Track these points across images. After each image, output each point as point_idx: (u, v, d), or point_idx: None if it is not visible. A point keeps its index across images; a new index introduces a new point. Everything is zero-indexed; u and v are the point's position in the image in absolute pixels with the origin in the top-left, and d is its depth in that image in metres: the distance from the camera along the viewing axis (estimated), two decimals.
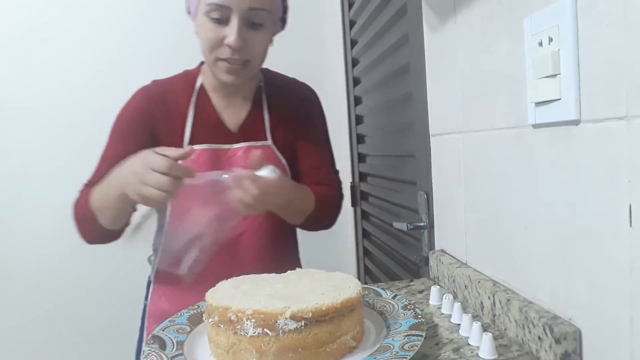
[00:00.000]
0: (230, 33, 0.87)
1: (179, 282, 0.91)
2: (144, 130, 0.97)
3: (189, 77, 1.02)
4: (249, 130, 1.01)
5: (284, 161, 1.03)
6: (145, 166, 0.75)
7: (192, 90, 0.99)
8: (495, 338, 0.62)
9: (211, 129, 0.98)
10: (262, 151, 0.94)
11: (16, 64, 1.74)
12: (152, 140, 0.96)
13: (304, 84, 1.14)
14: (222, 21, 0.88)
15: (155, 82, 1.02)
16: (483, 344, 0.59)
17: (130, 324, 1.12)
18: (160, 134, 0.97)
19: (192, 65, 1.05)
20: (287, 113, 1.06)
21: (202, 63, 1.04)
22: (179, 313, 0.71)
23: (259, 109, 1.04)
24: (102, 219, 0.89)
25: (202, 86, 1.01)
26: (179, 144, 0.96)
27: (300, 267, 1.04)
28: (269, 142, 1.02)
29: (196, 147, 0.94)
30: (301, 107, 1.09)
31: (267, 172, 0.82)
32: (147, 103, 0.98)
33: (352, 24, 1.70)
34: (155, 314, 1.02)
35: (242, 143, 0.99)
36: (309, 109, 1.11)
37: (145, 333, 1.05)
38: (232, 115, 1.01)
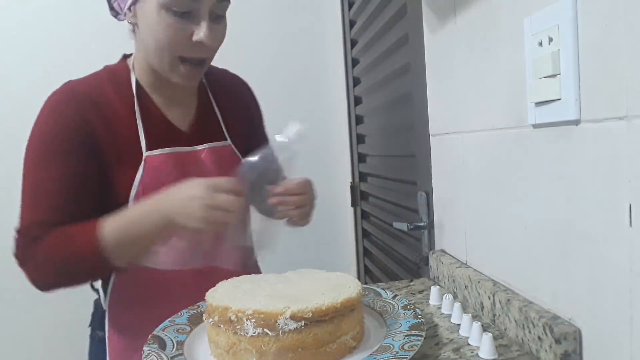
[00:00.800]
0: (200, 29, 0.76)
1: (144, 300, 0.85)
2: (85, 147, 0.80)
3: (117, 75, 0.86)
4: (203, 130, 0.91)
5: (241, 159, 0.94)
6: (210, 189, 0.69)
7: (129, 90, 0.85)
8: (495, 338, 0.62)
9: (163, 132, 0.86)
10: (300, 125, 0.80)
11: (16, 63, 1.74)
12: (94, 153, 0.80)
13: (237, 76, 1.05)
14: (186, 15, 0.76)
15: (71, 85, 0.84)
16: (483, 344, 0.59)
17: None
18: (103, 144, 0.81)
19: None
20: (236, 111, 0.99)
21: (124, 57, 0.91)
22: (179, 313, 0.71)
23: (209, 108, 0.95)
24: (119, 255, 0.76)
25: (138, 85, 0.86)
26: (135, 153, 0.82)
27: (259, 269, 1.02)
28: (229, 141, 0.94)
29: (158, 151, 0.84)
30: (245, 103, 1.04)
31: (295, 130, 0.77)
32: (78, 113, 0.80)
33: (352, 24, 1.70)
34: (119, 344, 0.88)
35: (205, 144, 0.89)
36: (253, 103, 1.06)
37: None
38: (179, 115, 0.89)
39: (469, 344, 0.62)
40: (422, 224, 1.00)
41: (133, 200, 0.81)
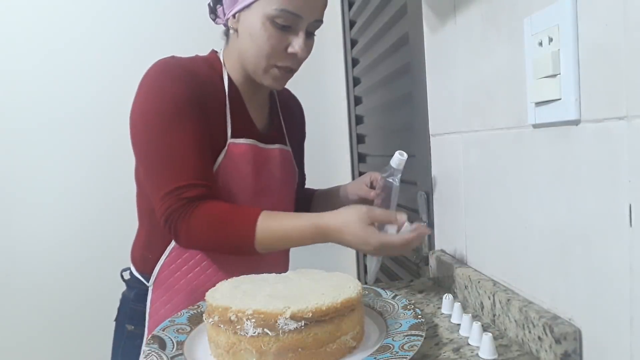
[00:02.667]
0: (297, 42, 0.84)
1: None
2: (202, 114, 0.85)
3: (212, 64, 0.92)
4: (273, 133, 0.99)
5: (296, 169, 1.05)
6: (383, 250, 0.77)
7: (221, 79, 0.91)
8: (495, 338, 0.62)
9: (246, 125, 0.93)
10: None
11: (16, 63, 1.74)
12: (207, 127, 0.86)
13: (294, 96, 1.16)
14: (287, 29, 0.83)
15: (175, 58, 0.88)
16: (483, 344, 0.59)
17: None
18: (205, 115, 0.86)
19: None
20: (293, 121, 1.09)
21: (214, 52, 0.97)
22: (179, 313, 0.71)
23: (276, 114, 1.03)
24: (266, 251, 0.82)
25: (230, 79, 0.93)
26: (220, 136, 0.88)
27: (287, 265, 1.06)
28: (289, 148, 1.02)
29: (242, 140, 0.90)
30: (299, 119, 1.14)
31: (400, 156, 0.91)
32: (193, 81, 0.85)
33: (352, 24, 1.70)
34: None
35: (276, 145, 0.97)
36: (303, 121, 1.16)
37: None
38: (257, 114, 0.97)
39: (469, 344, 0.62)
40: (422, 224, 1.00)
41: None
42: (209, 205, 0.81)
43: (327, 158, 1.94)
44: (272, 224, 0.80)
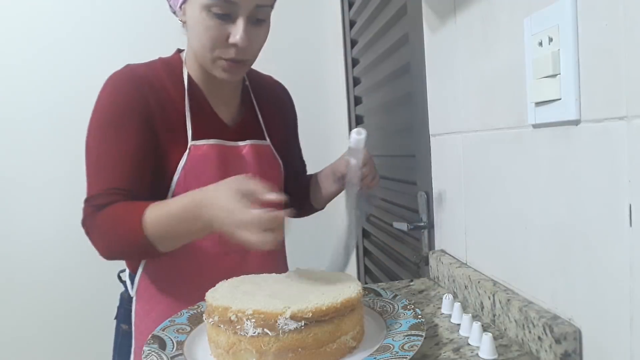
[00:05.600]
0: (236, 32, 0.80)
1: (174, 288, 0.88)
2: (144, 124, 0.84)
3: (171, 66, 0.91)
4: (247, 128, 0.96)
5: (280, 162, 1.01)
6: (248, 220, 0.64)
7: (181, 80, 0.90)
8: (495, 338, 0.62)
9: (210, 124, 0.91)
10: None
11: (16, 65, 1.74)
12: (151, 131, 0.85)
13: (278, 83, 1.11)
14: (225, 17, 0.80)
15: (130, 67, 0.88)
16: (483, 344, 0.59)
17: None
18: (159, 129, 0.85)
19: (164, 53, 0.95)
20: (276, 114, 1.04)
21: (179, 51, 0.95)
22: (179, 313, 0.71)
23: (251, 108, 0.99)
24: (163, 246, 0.77)
25: (190, 78, 0.91)
26: (181, 140, 0.86)
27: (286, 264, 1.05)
28: (268, 142, 0.99)
29: (204, 142, 0.87)
30: (284, 109, 1.09)
31: (356, 135, 0.89)
32: (138, 91, 0.84)
33: (352, 24, 1.70)
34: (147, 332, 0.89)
35: (247, 141, 0.94)
36: (291, 110, 1.11)
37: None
38: (225, 110, 0.94)
39: (469, 344, 0.62)
40: (422, 224, 1.00)
41: (175, 186, 0.85)
42: (107, 209, 0.79)
43: (327, 158, 1.93)
44: (156, 211, 0.76)
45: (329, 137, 1.94)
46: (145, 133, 0.84)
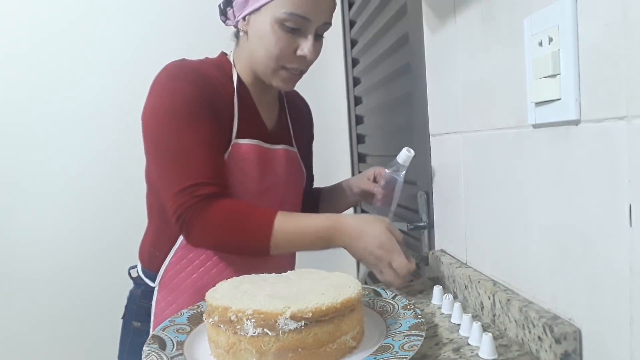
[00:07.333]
0: (305, 45, 0.86)
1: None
2: (213, 113, 0.86)
3: (221, 66, 0.93)
4: (281, 133, 1.00)
5: (304, 169, 1.06)
6: (390, 267, 0.78)
7: (230, 80, 0.93)
8: (495, 338, 0.62)
9: (254, 125, 0.94)
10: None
11: (18, 65, 1.74)
12: (214, 120, 0.87)
13: (302, 96, 1.17)
14: (296, 31, 0.85)
15: (185, 60, 0.90)
16: (483, 344, 0.59)
17: None
18: (217, 122, 0.87)
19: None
20: (301, 125, 1.10)
21: (224, 54, 0.98)
22: (179, 313, 0.71)
23: (285, 115, 1.04)
24: (279, 252, 0.83)
25: (239, 79, 0.94)
26: (226, 136, 0.89)
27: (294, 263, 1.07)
28: (295, 149, 1.03)
29: (246, 141, 0.90)
30: (307, 121, 1.15)
31: (407, 153, 0.93)
32: (201, 80, 0.86)
33: (352, 24, 1.70)
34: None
35: (281, 145, 0.98)
36: (310, 123, 1.17)
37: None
38: (267, 114, 0.98)
39: (469, 344, 0.62)
40: (422, 223, 1.00)
41: None
42: (226, 203, 0.82)
43: (327, 158, 1.94)
44: (288, 224, 0.81)
45: (329, 137, 1.94)
46: (214, 122, 0.86)
